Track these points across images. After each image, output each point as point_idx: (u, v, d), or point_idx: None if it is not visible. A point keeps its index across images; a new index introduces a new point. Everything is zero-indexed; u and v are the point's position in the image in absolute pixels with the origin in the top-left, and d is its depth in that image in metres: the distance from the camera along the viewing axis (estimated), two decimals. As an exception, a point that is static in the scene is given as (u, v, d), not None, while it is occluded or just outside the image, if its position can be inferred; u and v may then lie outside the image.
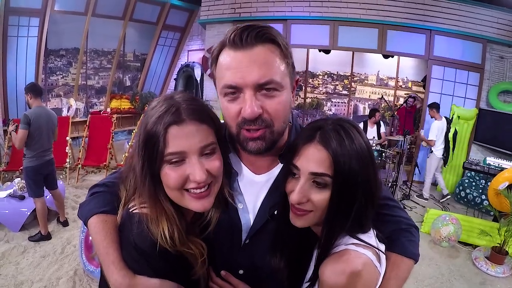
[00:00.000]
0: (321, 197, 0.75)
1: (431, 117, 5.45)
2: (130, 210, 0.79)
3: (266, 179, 0.92)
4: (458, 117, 5.90)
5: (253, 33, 0.76)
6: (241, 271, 0.92)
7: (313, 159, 0.74)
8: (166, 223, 0.75)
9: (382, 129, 6.04)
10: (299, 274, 0.88)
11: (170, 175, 0.74)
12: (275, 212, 0.88)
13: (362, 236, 0.76)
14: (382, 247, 0.79)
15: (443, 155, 5.35)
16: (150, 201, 0.76)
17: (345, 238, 0.77)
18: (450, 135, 5.38)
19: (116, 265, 0.76)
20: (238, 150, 0.93)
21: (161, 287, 0.76)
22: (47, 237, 3.59)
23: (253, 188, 0.91)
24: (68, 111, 7.34)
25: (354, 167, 0.72)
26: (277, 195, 0.87)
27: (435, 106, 5.35)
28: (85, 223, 0.85)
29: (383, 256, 0.78)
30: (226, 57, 0.79)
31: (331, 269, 0.72)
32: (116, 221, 0.82)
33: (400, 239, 0.87)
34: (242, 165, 0.93)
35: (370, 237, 0.78)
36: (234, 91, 0.78)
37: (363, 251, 0.73)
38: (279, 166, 0.91)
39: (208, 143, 0.76)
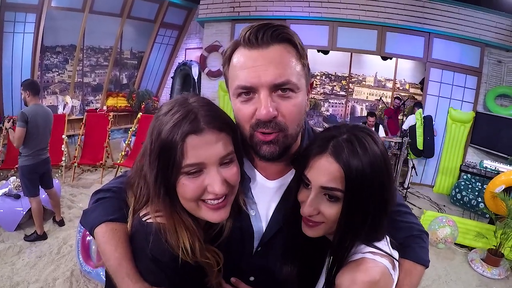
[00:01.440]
0: (332, 210, 0.73)
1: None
2: (144, 220, 0.75)
3: (278, 185, 0.90)
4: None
5: (269, 32, 0.74)
6: (252, 278, 0.90)
7: (324, 172, 0.72)
8: (186, 235, 0.72)
9: (382, 133, 6.04)
10: (311, 282, 0.87)
11: (187, 186, 0.70)
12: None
13: (377, 244, 0.76)
14: (396, 254, 0.79)
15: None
16: (166, 213, 0.72)
17: (360, 246, 0.76)
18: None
19: (132, 277, 0.72)
20: (251, 155, 0.90)
21: None
22: (43, 237, 3.55)
23: (266, 194, 0.89)
24: (64, 109, 7.27)
25: (367, 180, 0.70)
26: (290, 202, 0.85)
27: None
28: (91, 232, 0.79)
29: (397, 263, 0.77)
30: (240, 56, 0.77)
31: (349, 278, 0.70)
32: (126, 230, 0.77)
33: (412, 246, 0.87)
34: (255, 170, 0.90)
35: (384, 244, 0.77)
36: (248, 91, 0.76)
37: (380, 259, 0.72)
38: (292, 172, 0.88)
39: (228, 152, 0.72)
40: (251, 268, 0.90)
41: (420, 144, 5.78)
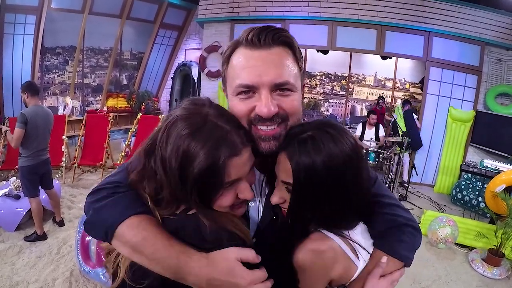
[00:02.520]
0: (288, 197, 0.80)
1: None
2: (188, 213, 0.77)
3: None
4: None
5: (271, 35, 0.78)
6: None
7: (282, 168, 0.78)
8: (232, 225, 0.76)
9: (381, 132, 6.03)
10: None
11: (226, 197, 0.75)
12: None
13: (345, 231, 0.81)
14: (368, 243, 0.84)
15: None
16: (211, 221, 0.74)
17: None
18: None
19: (187, 252, 0.71)
20: None
21: (239, 252, 0.72)
22: (43, 237, 3.55)
23: (260, 186, 0.92)
24: (64, 110, 7.29)
25: (317, 177, 0.73)
26: None
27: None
28: (110, 230, 0.74)
29: (362, 251, 0.81)
30: (241, 56, 0.80)
31: (299, 249, 0.78)
32: (156, 223, 0.75)
33: (387, 238, 0.86)
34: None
35: (355, 233, 0.81)
36: (248, 90, 0.79)
37: (331, 235, 0.79)
38: None
39: (253, 162, 0.78)
40: None
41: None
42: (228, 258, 0.71)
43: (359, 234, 0.82)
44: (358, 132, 6.15)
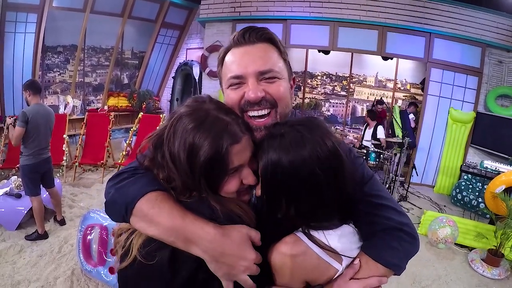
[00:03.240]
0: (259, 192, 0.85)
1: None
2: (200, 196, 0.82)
3: None
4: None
5: (254, 33, 0.88)
6: None
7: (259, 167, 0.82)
8: (239, 209, 0.81)
9: (381, 135, 5.95)
10: None
11: (231, 183, 0.80)
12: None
13: (320, 233, 0.81)
14: (355, 246, 0.84)
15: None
16: (219, 206, 0.78)
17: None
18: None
19: (200, 221, 0.75)
20: None
21: (250, 231, 0.78)
22: (44, 236, 3.56)
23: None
24: (65, 109, 7.30)
25: (280, 176, 0.77)
26: None
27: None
28: (130, 206, 0.78)
29: (339, 257, 0.81)
30: (231, 55, 0.90)
31: (273, 249, 0.80)
32: (173, 199, 0.80)
33: (373, 241, 0.84)
34: None
35: (330, 235, 0.81)
36: (238, 81, 0.88)
37: (306, 240, 0.80)
38: None
39: (252, 149, 0.83)
40: None
41: (400, 135, 5.96)
42: (241, 231, 0.77)
43: (337, 237, 0.81)
44: (362, 132, 6.22)
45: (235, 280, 0.75)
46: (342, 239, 0.82)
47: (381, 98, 7.14)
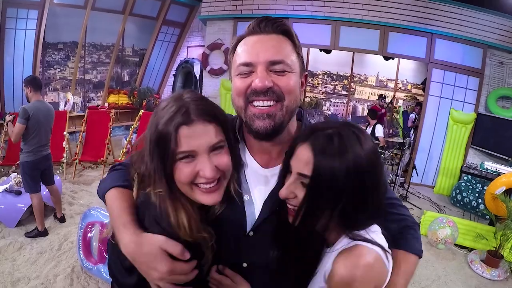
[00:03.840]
0: (301, 193, 0.78)
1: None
2: (149, 195, 0.83)
3: (272, 173, 0.93)
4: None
5: (270, 23, 0.85)
6: (244, 264, 0.93)
7: (301, 159, 0.77)
8: (184, 214, 0.79)
9: (379, 133, 5.92)
10: (306, 275, 0.89)
11: (182, 170, 0.78)
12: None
13: (371, 234, 0.78)
14: (386, 245, 0.81)
15: None
16: (167, 195, 0.80)
17: (344, 237, 0.80)
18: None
19: (127, 225, 0.80)
20: (248, 141, 0.95)
21: (166, 243, 0.77)
22: (44, 233, 3.56)
23: (260, 181, 0.94)
24: (65, 106, 7.28)
25: (338, 174, 0.73)
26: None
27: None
28: (104, 199, 0.89)
29: (389, 255, 0.79)
30: (244, 43, 0.87)
31: (344, 263, 0.73)
32: (133, 196, 0.86)
33: (406, 237, 0.91)
34: (252, 158, 0.95)
35: (378, 235, 0.80)
36: (247, 69, 0.84)
37: (372, 247, 0.75)
38: None
39: (217, 141, 0.80)
40: (244, 254, 0.93)
41: (401, 134, 6.07)
42: (153, 243, 0.77)
43: (379, 235, 0.80)
44: None
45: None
46: (380, 235, 0.81)
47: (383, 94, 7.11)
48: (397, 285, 0.82)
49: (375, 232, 0.80)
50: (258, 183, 0.93)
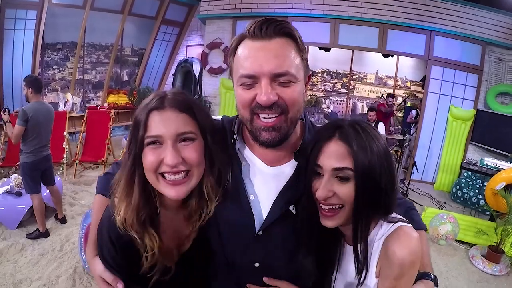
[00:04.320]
0: (345, 189, 0.79)
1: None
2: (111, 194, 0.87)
3: (278, 172, 0.93)
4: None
5: (272, 26, 0.80)
6: (256, 264, 0.93)
7: (334, 155, 0.79)
8: (125, 205, 0.81)
9: (381, 130, 5.93)
10: (323, 272, 0.91)
11: (148, 156, 0.79)
12: (290, 208, 0.90)
13: (395, 215, 0.84)
14: None
15: None
16: (125, 179, 0.82)
17: (379, 222, 0.83)
18: None
19: (90, 243, 0.91)
20: (250, 142, 0.94)
21: (103, 273, 0.85)
22: (45, 234, 3.55)
23: (265, 179, 0.93)
24: (64, 106, 7.26)
25: (374, 159, 0.77)
26: (292, 192, 0.89)
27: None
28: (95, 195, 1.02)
29: None
30: (245, 48, 0.83)
31: (401, 246, 0.75)
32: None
33: (412, 218, 0.95)
34: (254, 156, 0.94)
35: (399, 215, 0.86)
36: (251, 80, 0.81)
37: (408, 224, 0.81)
38: (293, 161, 0.93)
39: (186, 131, 0.80)
40: (255, 254, 0.92)
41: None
42: (96, 270, 0.88)
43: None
44: None
45: None
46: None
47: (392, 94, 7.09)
48: (427, 262, 0.91)
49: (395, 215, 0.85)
50: (265, 182, 0.93)
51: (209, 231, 0.93)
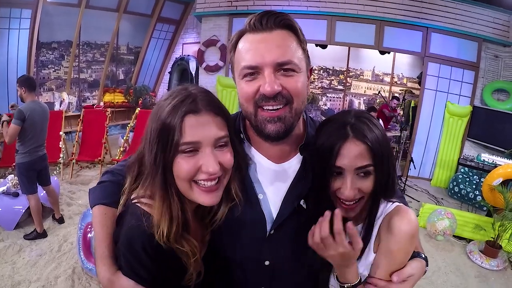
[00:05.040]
0: (368, 183, 0.83)
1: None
2: (134, 202, 0.79)
3: (284, 168, 0.92)
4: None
5: (272, 18, 0.80)
6: (267, 262, 0.92)
7: (354, 155, 0.80)
8: (168, 219, 0.75)
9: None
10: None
11: (182, 165, 0.74)
12: (301, 203, 0.90)
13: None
14: None
15: None
16: (160, 192, 0.76)
17: (383, 203, 0.89)
18: None
19: (103, 259, 0.80)
20: (255, 140, 0.93)
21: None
22: (43, 235, 3.53)
23: (273, 177, 0.92)
24: (60, 105, 7.22)
25: (385, 148, 0.82)
26: (301, 187, 0.89)
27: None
28: (91, 207, 0.90)
29: None
30: (246, 41, 0.82)
31: (401, 222, 0.81)
32: (115, 214, 0.84)
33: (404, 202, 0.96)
34: (260, 155, 0.93)
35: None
36: (253, 71, 0.80)
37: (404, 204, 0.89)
38: (298, 156, 0.93)
39: (223, 135, 0.77)
40: (266, 252, 0.92)
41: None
42: (121, 286, 0.77)
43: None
44: None
45: None
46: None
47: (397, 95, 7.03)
48: (418, 245, 0.93)
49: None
50: (273, 180, 0.92)
51: (219, 233, 0.91)
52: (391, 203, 0.87)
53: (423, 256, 0.90)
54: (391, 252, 0.82)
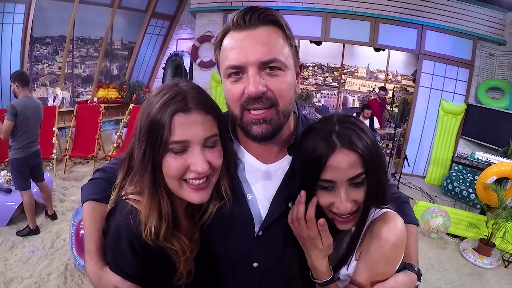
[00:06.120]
0: (361, 193, 0.78)
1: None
2: (123, 199, 0.79)
3: (274, 169, 0.91)
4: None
5: (256, 15, 0.77)
6: (255, 264, 0.90)
7: (345, 166, 0.75)
8: (156, 217, 0.74)
9: (376, 125, 6.02)
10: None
11: (171, 163, 0.73)
12: (289, 205, 0.87)
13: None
14: None
15: None
16: (149, 190, 0.75)
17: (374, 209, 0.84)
18: None
19: (91, 254, 0.80)
20: (243, 140, 0.91)
21: (121, 285, 0.76)
22: (36, 231, 3.50)
23: (261, 178, 0.91)
24: (54, 101, 7.14)
25: (375, 153, 0.77)
26: (290, 188, 0.87)
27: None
28: (82, 203, 0.89)
29: None
30: (230, 39, 0.80)
31: (387, 229, 0.77)
32: (105, 210, 0.83)
33: (404, 211, 0.94)
34: (249, 154, 0.91)
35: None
36: (237, 71, 0.78)
37: (393, 211, 0.83)
38: (288, 156, 0.91)
39: (212, 134, 0.76)
40: (254, 253, 0.90)
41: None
42: (109, 281, 0.77)
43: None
44: None
45: None
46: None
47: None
48: (413, 255, 0.90)
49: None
50: (261, 180, 0.90)
51: (210, 230, 0.90)
52: (380, 209, 0.82)
53: (416, 269, 0.86)
54: (371, 261, 0.78)
